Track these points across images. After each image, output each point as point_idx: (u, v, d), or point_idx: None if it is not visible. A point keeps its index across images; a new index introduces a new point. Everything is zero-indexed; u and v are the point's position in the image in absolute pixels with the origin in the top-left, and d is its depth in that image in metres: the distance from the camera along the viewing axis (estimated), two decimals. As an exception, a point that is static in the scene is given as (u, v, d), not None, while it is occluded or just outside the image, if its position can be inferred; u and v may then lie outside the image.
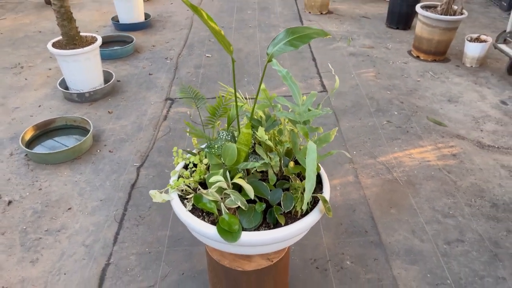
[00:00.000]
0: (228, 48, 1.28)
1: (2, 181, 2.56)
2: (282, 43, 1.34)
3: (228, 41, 1.27)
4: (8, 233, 2.21)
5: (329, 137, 1.48)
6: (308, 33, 1.34)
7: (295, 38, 1.34)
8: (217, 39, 1.24)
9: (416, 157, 2.69)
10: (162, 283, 1.92)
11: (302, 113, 1.47)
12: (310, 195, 1.28)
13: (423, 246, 2.07)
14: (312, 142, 1.36)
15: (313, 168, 1.29)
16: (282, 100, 1.46)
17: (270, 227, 1.42)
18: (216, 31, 1.22)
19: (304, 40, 1.32)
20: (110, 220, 2.27)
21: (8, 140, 2.92)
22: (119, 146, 2.85)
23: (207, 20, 1.20)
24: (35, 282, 1.95)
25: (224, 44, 1.26)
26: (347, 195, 2.38)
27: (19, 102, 3.38)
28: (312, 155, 1.31)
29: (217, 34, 1.23)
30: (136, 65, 3.95)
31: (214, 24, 1.22)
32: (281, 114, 1.44)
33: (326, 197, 1.48)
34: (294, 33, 1.35)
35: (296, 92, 1.48)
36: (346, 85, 3.52)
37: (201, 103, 1.58)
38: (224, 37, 1.26)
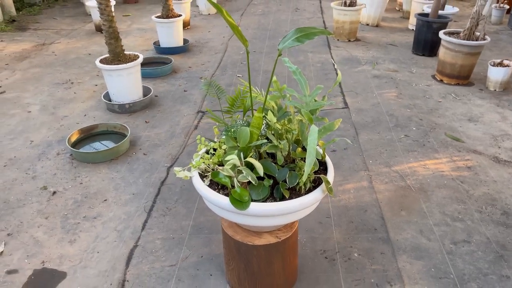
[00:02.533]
0: (244, 42, 1.52)
1: (49, 175, 2.86)
2: (291, 40, 1.57)
3: (244, 36, 1.51)
4: (51, 218, 2.48)
5: (333, 126, 1.66)
6: (313, 32, 1.56)
7: (301, 35, 1.57)
8: (235, 33, 1.49)
9: (430, 167, 2.79)
10: (183, 263, 2.10)
11: (309, 103, 1.67)
12: (309, 169, 1.46)
13: (430, 245, 2.17)
14: (315, 126, 1.55)
15: (314, 146, 1.48)
16: (291, 91, 1.68)
17: (276, 201, 1.60)
18: (233, 26, 1.47)
19: (310, 37, 1.55)
20: (140, 211, 2.50)
21: (56, 142, 3.26)
22: (153, 150, 3.12)
23: (226, 16, 1.45)
24: (72, 258, 2.19)
25: (240, 37, 1.50)
26: (360, 198, 2.52)
27: (67, 112, 3.76)
28: (314, 135, 1.51)
29: (234, 29, 1.47)
30: (173, 83, 4.30)
31: (232, 20, 1.47)
32: (290, 102, 1.65)
33: (328, 179, 1.65)
34: (301, 31, 1.58)
35: (304, 85, 1.69)
36: (368, 103, 3.69)
37: (222, 95, 1.82)
38: (240, 32, 1.50)
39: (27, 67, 4.84)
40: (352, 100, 3.74)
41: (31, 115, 3.72)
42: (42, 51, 5.41)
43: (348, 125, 3.33)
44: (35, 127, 3.51)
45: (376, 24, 6.19)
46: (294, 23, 6.48)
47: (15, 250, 2.24)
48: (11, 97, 4.06)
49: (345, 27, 5.37)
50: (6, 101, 3.97)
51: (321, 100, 1.73)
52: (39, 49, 5.46)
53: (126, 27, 6.47)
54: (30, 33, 6.21)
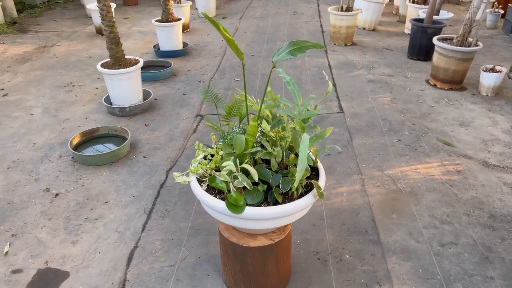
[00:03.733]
0: (240, 55, 1.61)
1: (52, 177, 2.95)
2: (284, 53, 1.66)
3: (239, 49, 1.60)
4: (54, 219, 2.57)
5: (324, 134, 1.76)
6: (306, 45, 1.66)
7: (295, 49, 1.66)
8: (231, 47, 1.58)
9: (421, 171, 2.89)
10: (181, 263, 2.19)
11: (301, 112, 1.76)
12: (301, 175, 1.55)
13: (418, 246, 2.26)
14: (307, 134, 1.64)
15: (305, 153, 1.57)
16: (285, 101, 1.77)
17: (270, 205, 1.69)
18: (229, 40, 1.56)
19: (302, 50, 1.64)
20: (140, 212, 2.59)
21: (58, 145, 3.35)
22: (152, 153, 3.21)
23: (223, 31, 1.54)
24: (74, 258, 2.28)
25: (236, 51, 1.59)
26: (353, 201, 2.61)
27: (69, 115, 3.85)
28: (305, 143, 1.59)
29: (230, 43, 1.56)
30: (173, 86, 4.38)
31: (228, 35, 1.56)
32: (284, 111, 1.74)
33: (320, 184, 1.74)
34: (294, 45, 1.67)
35: (297, 95, 1.78)
36: (362, 107, 3.78)
37: (219, 103, 1.90)
38: (236, 46, 1.59)
39: (29, 70, 4.92)
40: (347, 105, 3.84)
41: (34, 118, 3.80)
42: (44, 53, 5.49)
43: (343, 130, 3.42)
44: (37, 130, 3.59)
45: (373, 28, 6.28)
46: (292, 27, 6.57)
47: (20, 250, 2.32)
48: (14, 99, 4.14)
49: (342, 32, 5.46)
50: (9, 103, 4.06)
51: (313, 109, 1.82)
52: (40, 52, 5.55)
53: (126, 29, 6.56)
54: (31, 35, 6.30)
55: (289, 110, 1.76)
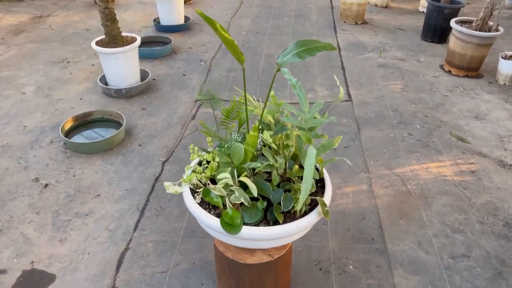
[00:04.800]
0: (240, 58, 1.41)
1: (42, 165, 2.80)
2: (291, 54, 1.46)
3: (240, 51, 1.40)
4: (42, 213, 2.43)
5: (333, 144, 1.57)
6: (316, 46, 1.45)
7: (303, 50, 1.45)
8: (230, 50, 1.37)
9: (433, 171, 2.71)
10: (174, 270, 2.06)
11: (308, 120, 1.57)
12: (305, 196, 1.38)
13: (428, 258, 2.12)
14: (313, 147, 1.46)
15: (310, 171, 1.39)
16: (289, 107, 1.57)
17: (270, 224, 1.53)
18: (229, 42, 1.35)
19: (311, 53, 1.43)
20: (133, 209, 2.44)
21: (50, 128, 3.18)
22: (148, 141, 3.04)
23: (220, 31, 1.33)
24: (62, 259, 2.15)
25: (236, 54, 1.39)
26: (359, 203, 2.45)
27: (63, 94, 3.66)
28: (311, 159, 1.42)
29: (229, 45, 1.36)
30: (172, 66, 4.16)
31: (227, 35, 1.35)
32: (288, 120, 1.55)
33: (325, 201, 1.58)
34: (302, 45, 1.46)
35: (303, 100, 1.59)
36: (372, 95, 3.57)
37: (217, 105, 1.72)
38: (237, 47, 1.39)
39: (23, 42, 4.69)
40: (355, 92, 3.62)
41: (25, 97, 3.62)
42: (39, 24, 5.24)
43: (351, 120, 3.23)
44: (29, 111, 3.42)
45: (386, 5, 5.95)
46: (300, 1, 6.24)
47: (5, 248, 2.20)
48: (6, 75, 3.95)
49: (353, 9, 5.16)
50: (1, 80, 3.86)
51: (322, 116, 1.63)
52: (36, 22, 5.29)
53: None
54: (27, 3, 6.01)
55: (294, 119, 1.57)
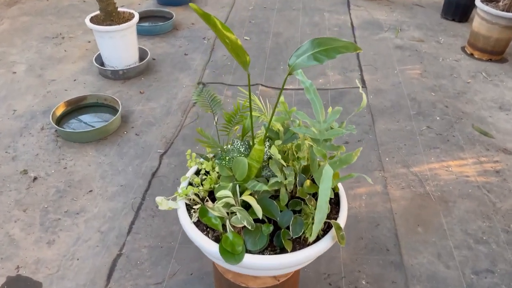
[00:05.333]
0: (244, 60, 1.17)
1: (31, 156, 2.60)
2: (306, 56, 1.22)
3: (244, 51, 1.16)
4: (29, 211, 2.26)
5: (351, 158, 1.35)
6: (336, 47, 1.20)
7: (320, 51, 1.21)
8: (232, 53, 1.13)
9: (454, 170, 2.49)
10: (170, 281, 1.89)
11: (323, 131, 1.35)
12: (319, 228, 1.17)
13: (448, 273, 1.93)
14: (329, 166, 1.24)
15: (326, 198, 1.18)
16: (302, 116, 1.34)
17: (276, 251, 1.33)
18: (232, 42, 1.11)
19: (330, 55, 1.19)
20: (128, 208, 2.26)
21: (41, 113, 2.97)
22: (146, 129, 2.82)
23: (222, 29, 1.09)
24: (49, 265, 1.98)
25: (239, 58, 1.15)
26: (373, 206, 2.25)
27: (56, 75, 3.42)
28: (327, 183, 1.20)
29: (233, 47, 1.12)
30: (173, 43, 3.89)
31: (230, 34, 1.11)
32: (299, 130, 1.33)
33: (340, 224, 1.37)
34: (320, 44, 1.22)
35: (318, 107, 1.36)
36: (388, 82, 3.30)
37: (217, 108, 1.49)
38: (241, 49, 1.15)
39: (16, 15, 4.42)
40: (370, 77, 3.36)
41: (16, 77, 3.39)
42: (33, -5, 4.93)
43: (365, 110, 2.98)
44: (19, 93, 3.20)
45: (403, -23, 5.55)
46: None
47: (-12, 251, 2.04)
48: (-4, 53, 3.71)
49: (368, -17, 4.80)
50: (-10, 58, 3.63)
51: (339, 126, 1.40)
52: (30, -7, 4.98)
53: (126, -32, 5.89)
54: (21, -29, 5.67)
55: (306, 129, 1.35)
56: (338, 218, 1.42)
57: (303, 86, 1.37)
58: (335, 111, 1.36)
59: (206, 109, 1.46)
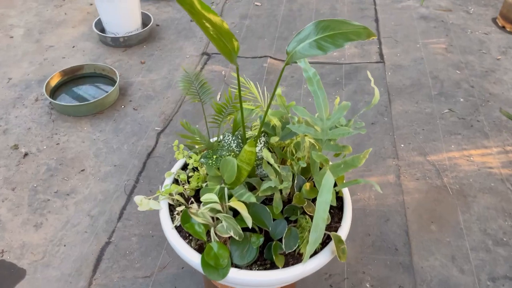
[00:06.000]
0: (232, 47, 0.96)
1: (23, 129, 2.47)
2: (308, 42, 1.01)
3: (232, 36, 0.96)
4: (18, 190, 2.14)
5: (358, 161, 1.16)
6: (345, 32, 0.99)
7: (325, 37, 1.00)
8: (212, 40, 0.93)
9: (475, 160, 2.27)
10: (159, 275, 1.77)
11: (326, 130, 1.15)
12: (314, 249, 1.01)
13: (462, 279, 1.76)
14: (330, 174, 1.06)
15: (324, 214, 1.01)
16: (302, 112, 1.14)
17: (266, 266, 1.18)
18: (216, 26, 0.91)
19: (337, 42, 0.98)
20: (120, 191, 2.12)
21: (36, 83, 2.81)
22: (145, 103, 2.65)
23: (202, 10, 0.88)
24: (35, 250, 1.88)
25: (224, 44, 0.94)
26: (383, 199, 2.07)
27: (54, 40, 3.24)
28: (326, 195, 1.02)
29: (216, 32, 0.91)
30: (179, 8, 3.63)
31: (213, 15, 0.91)
32: (298, 129, 1.13)
33: (342, 236, 1.20)
34: (326, 29, 1.01)
35: (321, 101, 1.15)
36: (409, 57, 3.03)
37: (206, 96, 1.30)
38: (227, 33, 0.94)
39: (16, -27, 4.18)
40: (390, 51, 3.08)
41: (13, 42, 3.22)
42: (36, -49, 4.67)
43: (381, 88, 2.74)
44: (15, 59, 3.04)
45: None
46: None
47: (-27, 232, 1.94)
48: (-6, 14, 3.52)
49: None
50: (-13, 20, 3.45)
51: (346, 124, 1.20)
52: (32, -51, 4.72)
53: None
54: None
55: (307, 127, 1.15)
56: (339, 228, 1.25)
57: (305, 75, 1.17)
58: (342, 107, 1.16)
59: (193, 98, 1.27)
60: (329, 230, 1.26)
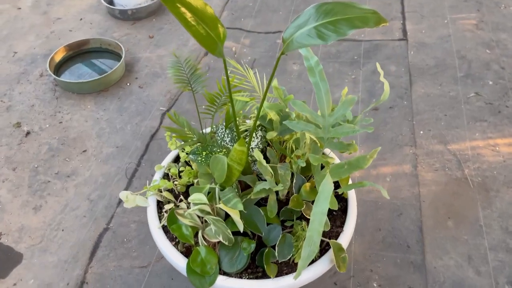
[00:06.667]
0: (217, 34, 0.83)
1: (26, 106, 2.41)
2: (306, 29, 0.87)
3: (217, 21, 0.82)
4: (19, 170, 2.10)
5: (364, 162, 1.03)
6: (350, 18, 0.85)
7: (326, 23, 0.85)
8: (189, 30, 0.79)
9: (501, 150, 2.10)
10: (156, 265, 1.71)
11: (328, 128, 1.02)
12: (306, 264, 0.90)
13: (478, 281, 1.63)
14: (329, 180, 0.94)
15: (319, 227, 0.90)
16: (301, 107, 1.01)
17: (258, 274, 1.08)
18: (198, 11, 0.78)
19: (340, 30, 0.84)
20: (121, 174, 2.05)
21: (42, 57, 2.73)
22: (151, 81, 2.54)
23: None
24: (33, 234, 1.84)
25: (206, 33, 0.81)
26: (397, 191, 1.93)
27: (62, 12, 3.13)
28: (322, 205, 0.91)
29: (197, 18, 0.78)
30: (192, -22, 3.46)
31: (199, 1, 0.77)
32: (296, 126, 1.00)
33: (343, 244, 1.09)
34: (328, 13, 0.87)
35: (323, 95, 1.02)
36: (434, 34, 2.80)
37: (197, 83, 1.18)
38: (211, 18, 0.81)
39: None
40: (414, 28, 2.86)
41: (20, 14, 3.13)
42: None
43: (402, 69, 2.55)
44: (22, 32, 2.96)
45: None
46: None
47: (-27, 213, 1.91)
48: (2, -16, 3.43)
49: None
50: (-5, -10, 3.36)
51: (352, 120, 1.06)
52: None
53: None
54: None
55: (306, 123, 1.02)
56: (341, 234, 1.13)
57: (306, 64, 1.03)
58: (347, 101, 1.02)
59: (183, 86, 1.15)
60: (330, 235, 1.15)
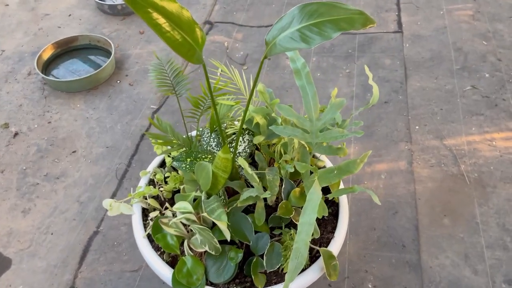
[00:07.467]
0: (194, 40, 0.78)
1: (14, 106, 2.36)
2: (289, 32, 0.83)
3: (195, 26, 0.78)
4: (7, 172, 2.06)
5: (354, 167, 0.99)
6: (335, 19, 0.80)
7: (310, 25, 0.81)
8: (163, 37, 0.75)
9: (498, 145, 2.06)
10: (147, 269, 1.67)
11: (315, 132, 0.98)
12: (294, 277, 0.86)
13: (474, 280, 1.61)
14: (317, 188, 0.90)
15: (306, 237, 0.86)
16: (287, 111, 0.97)
17: (246, 284, 1.05)
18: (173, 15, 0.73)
19: (325, 33, 0.80)
20: (111, 175, 2.01)
21: (30, 55, 2.68)
22: (141, 79, 2.49)
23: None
24: (22, 238, 1.81)
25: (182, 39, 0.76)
26: (392, 188, 1.90)
27: (50, 8, 3.07)
28: (310, 215, 0.88)
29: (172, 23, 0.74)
30: (183, -29, 3.39)
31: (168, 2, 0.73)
32: (282, 131, 0.96)
33: (333, 251, 1.05)
34: (313, 14, 0.82)
35: (310, 99, 0.98)
36: (430, 26, 2.75)
37: (180, 87, 1.13)
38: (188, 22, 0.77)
39: None
40: (409, 19, 2.80)
41: (8, 10, 3.07)
42: None
43: (397, 62, 2.50)
44: (9, 29, 2.89)
45: None
46: None
47: (-40, 218, 1.87)
48: (-11, -20, 3.35)
49: None
50: (-18, -14, 3.29)
51: (341, 124, 1.02)
52: None
53: None
54: None
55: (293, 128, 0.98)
56: (332, 240, 1.10)
57: (292, 66, 0.98)
58: (336, 105, 0.98)
59: (166, 90, 1.10)
60: (320, 241, 1.11)
